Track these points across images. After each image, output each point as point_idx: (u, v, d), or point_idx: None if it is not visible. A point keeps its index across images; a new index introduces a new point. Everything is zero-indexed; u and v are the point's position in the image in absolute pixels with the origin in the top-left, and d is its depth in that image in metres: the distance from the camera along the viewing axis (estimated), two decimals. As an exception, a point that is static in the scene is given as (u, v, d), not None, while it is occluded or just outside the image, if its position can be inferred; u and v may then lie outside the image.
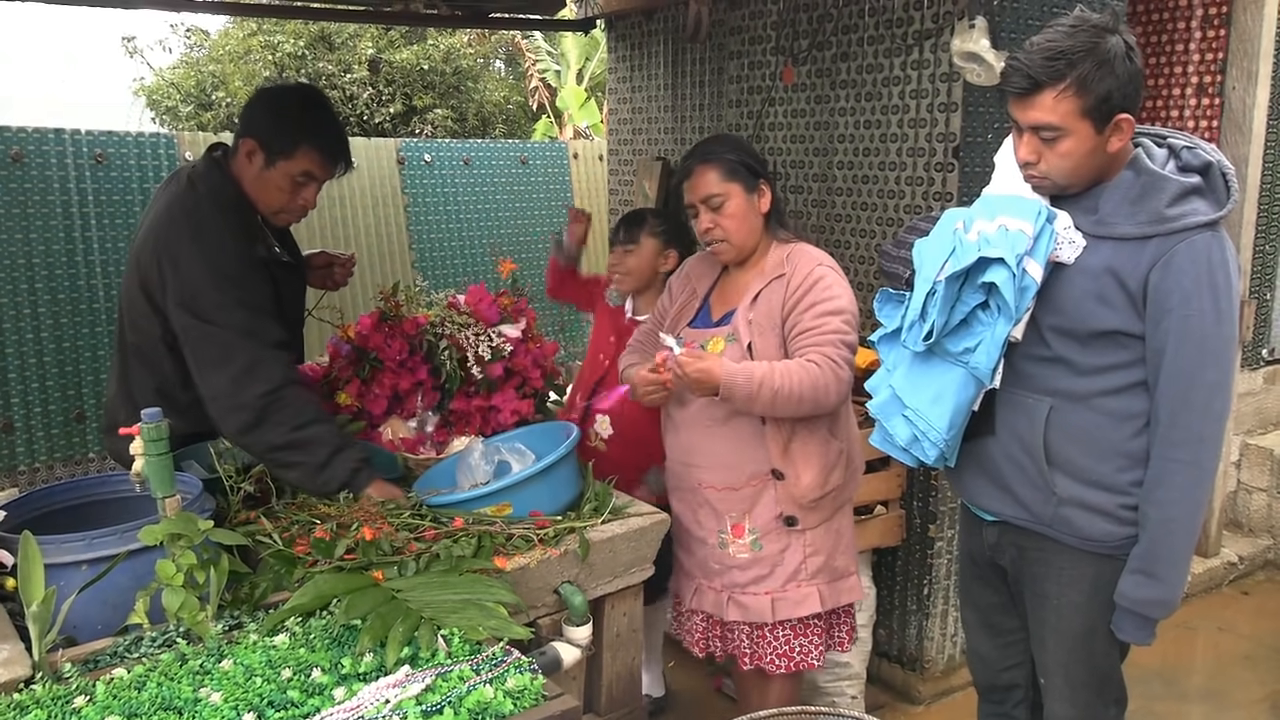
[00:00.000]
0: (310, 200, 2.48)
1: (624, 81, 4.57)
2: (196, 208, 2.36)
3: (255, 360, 2.23)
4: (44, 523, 1.99)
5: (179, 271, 2.29)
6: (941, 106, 3.07)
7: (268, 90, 2.54)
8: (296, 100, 2.51)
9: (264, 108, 2.46)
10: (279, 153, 2.38)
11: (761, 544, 2.44)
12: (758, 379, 2.23)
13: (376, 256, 5.33)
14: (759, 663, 2.50)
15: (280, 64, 11.81)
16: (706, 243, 2.47)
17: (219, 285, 2.27)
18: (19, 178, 4.12)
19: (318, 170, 2.44)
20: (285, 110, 2.44)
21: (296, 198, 2.45)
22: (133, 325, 2.47)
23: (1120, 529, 1.96)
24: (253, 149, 2.39)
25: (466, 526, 2.06)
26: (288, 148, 2.38)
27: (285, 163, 2.39)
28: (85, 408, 4.33)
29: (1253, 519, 4.66)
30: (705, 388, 2.25)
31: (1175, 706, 3.43)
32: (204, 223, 2.33)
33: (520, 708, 1.50)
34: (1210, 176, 1.90)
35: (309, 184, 2.45)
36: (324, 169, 2.46)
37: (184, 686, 1.51)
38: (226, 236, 2.33)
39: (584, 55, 13.25)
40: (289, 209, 2.47)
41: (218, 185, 2.41)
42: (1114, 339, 1.91)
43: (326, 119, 2.50)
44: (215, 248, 2.30)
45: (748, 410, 2.31)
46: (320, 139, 2.43)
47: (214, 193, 2.39)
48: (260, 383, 2.21)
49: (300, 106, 2.47)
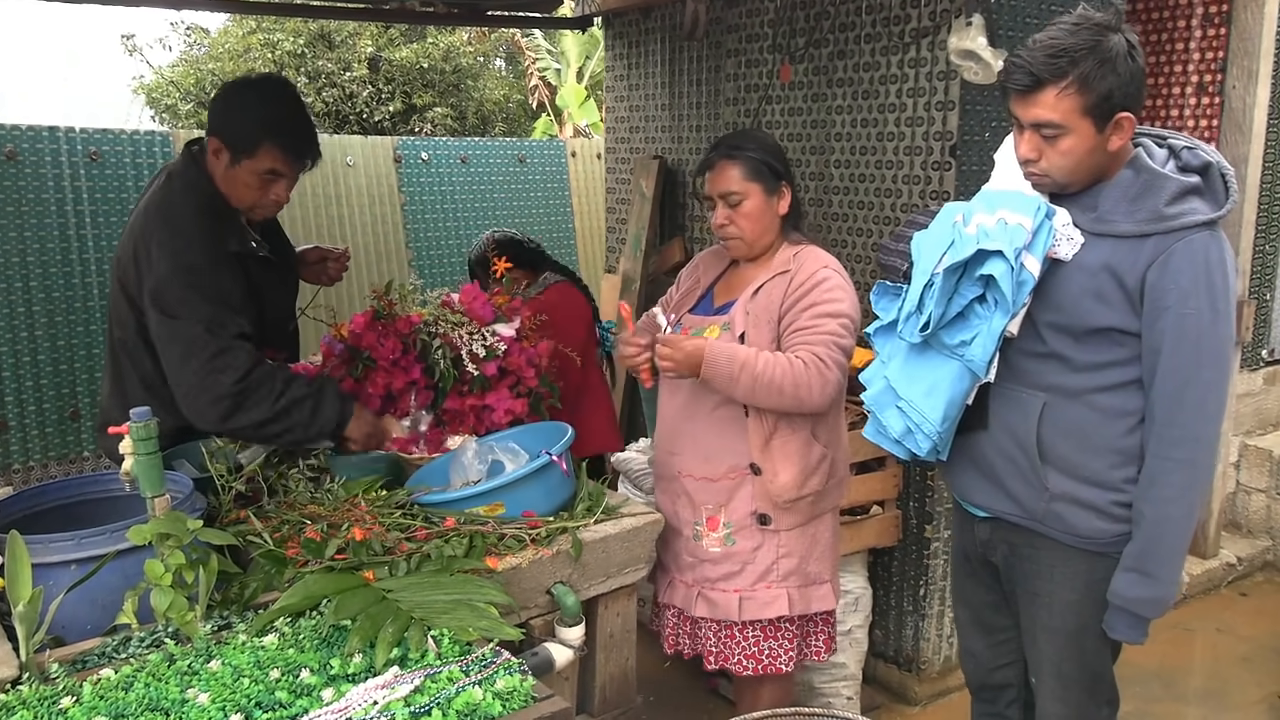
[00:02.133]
0: (282, 195, 2.48)
1: (621, 79, 4.56)
2: (168, 203, 2.39)
3: (219, 351, 2.26)
4: (34, 522, 1.97)
5: (151, 268, 2.32)
6: (939, 104, 3.06)
7: (232, 86, 2.51)
8: (257, 97, 2.47)
9: (226, 105, 2.44)
10: (242, 152, 2.38)
11: (735, 539, 2.43)
12: (739, 361, 2.24)
13: (373, 255, 5.31)
14: (724, 663, 2.49)
15: (280, 62, 11.80)
16: (720, 237, 2.46)
17: (183, 280, 2.29)
18: (13, 175, 4.11)
19: (282, 167, 2.43)
20: (246, 108, 2.42)
21: (266, 194, 2.45)
22: (118, 322, 2.48)
23: (1112, 526, 1.96)
24: (218, 147, 2.40)
25: (458, 526, 2.05)
26: (249, 147, 2.37)
27: (249, 161, 2.39)
28: (80, 406, 4.32)
29: (1251, 520, 4.65)
30: (692, 364, 2.27)
31: (1173, 708, 3.42)
32: (174, 218, 2.35)
33: (509, 709, 1.49)
34: (1209, 177, 1.90)
35: (276, 180, 2.44)
36: (289, 165, 2.45)
37: (171, 687, 1.50)
38: (195, 230, 2.34)
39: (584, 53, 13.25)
40: (261, 204, 2.47)
41: (193, 180, 2.42)
42: (1110, 336, 1.91)
43: (288, 114, 2.47)
44: (182, 242, 2.32)
45: (728, 392, 2.31)
46: (282, 137, 2.41)
47: (188, 188, 2.40)
48: (230, 372, 2.25)
49: (260, 103, 2.44)
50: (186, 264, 2.30)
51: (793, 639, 2.49)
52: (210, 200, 2.42)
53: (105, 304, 4.30)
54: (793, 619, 2.47)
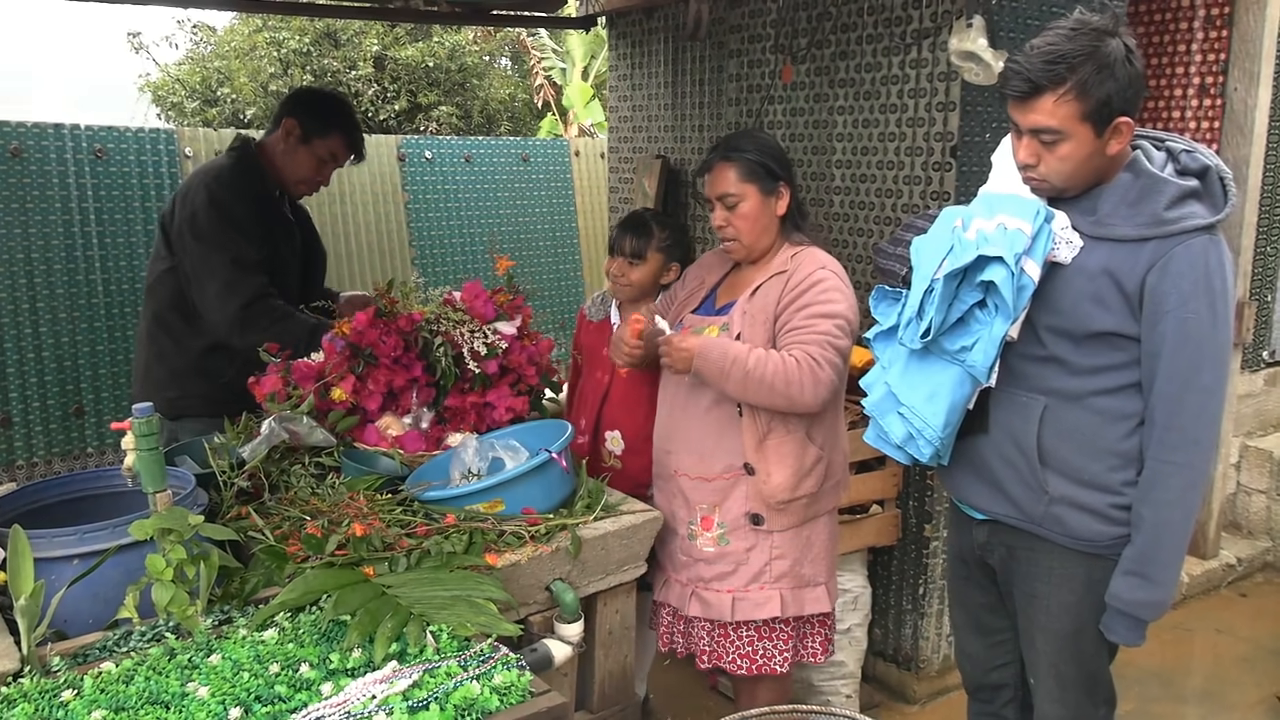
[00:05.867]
0: (326, 177, 3.09)
1: (624, 79, 4.57)
2: (216, 164, 2.98)
3: (234, 278, 2.78)
4: (37, 516, 1.99)
5: (188, 203, 2.86)
6: (939, 105, 3.07)
7: (311, 88, 3.16)
8: (334, 98, 3.28)
9: (308, 97, 3.15)
10: (315, 132, 2.97)
11: (728, 539, 2.43)
12: (731, 356, 2.26)
13: (376, 253, 5.32)
14: (717, 662, 2.50)
15: (285, 60, 11.81)
16: (720, 238, 2.47)
17: (216, 212, 2.81)
18: (18, 172, 4.12)
19: (341, 153, 3.05)
20: (326, 103, 3.13)
21: (319, 173, 3.04)
22: (154, 281, 2.99)
23: (1111, 529, 1.96)
24: (293, 126, 2.97)
25: (458, 523, 2.07)
26: (324, 130, 2.99)
27: (320, 141, 2.99)
28: (84, 402, 4.33)
29: (1252, 521, 4.65)
30: (687, 360, 2.31)
31: (1172, 708, 3.43)
32: (219, 171, 2.92)
33: (507, 704, 1.50)
34: (1208, 180, 1.89)
35: (329, 164, 3.04)
36: (345, 153, 3.07)
37: (172, 681, 1.51)
38: (235, 181, 2.88)
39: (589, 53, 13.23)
40: (309, 181, 3.05)
41: (242, 154, 2.97)
42: (1109, 340, 1.91)
43: (354, 116, 3.18)
44: (222, 187, 2.86)
45: (719, 387, 2.32)
46: (349, 129, 3.07)
47: (237, 160, 2.96)
48: (237, 297, 2.78)
49: (336, 103, 3.19)
50: (221, 202, 2.83)
51: (787, 640, 2.49)
52: (254, 173, 2.95)
53: (110, 301, 4.33)
54: (787, 620, 2.48)
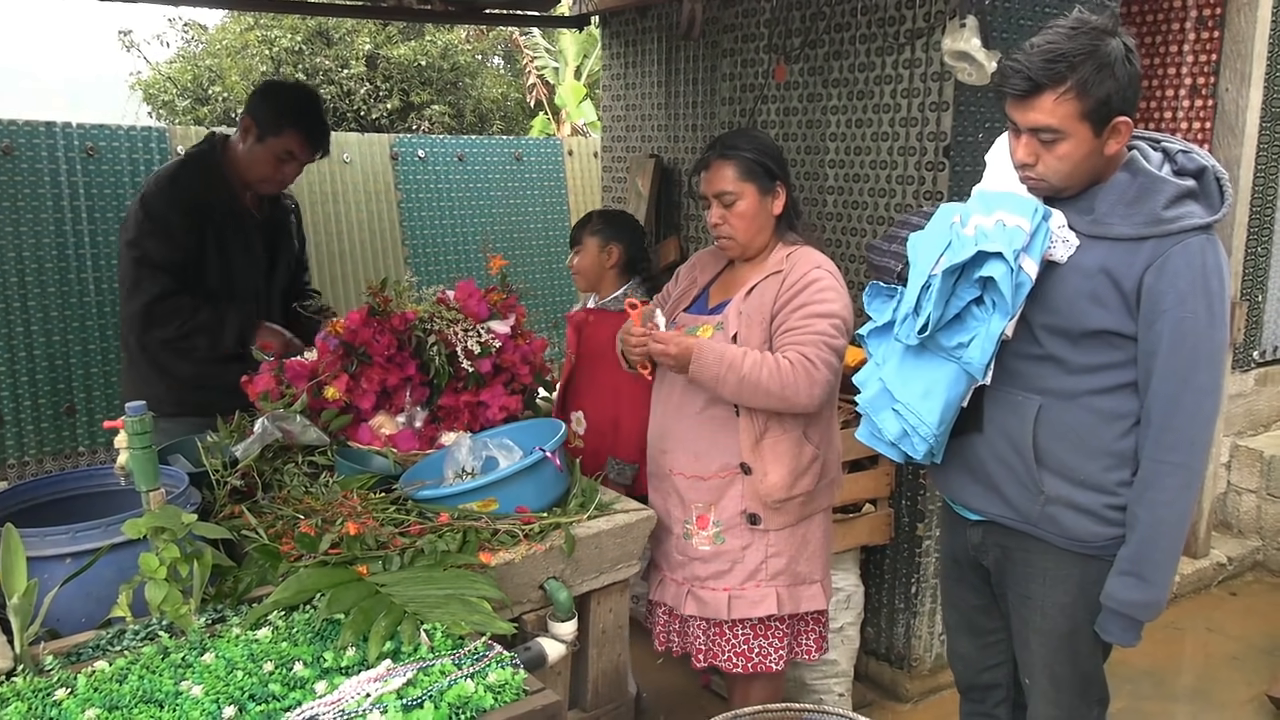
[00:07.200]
0: (290, 176, 2.99)
1: (618, 78, 4.57)
2: (166, 167, 2.95)
3: (139, 276, 2.80)
4: (29, 516, 1.98)
5: (130, 209, 2.88)
6: (932, 105, 3.08)
7: (271, 81, 3.05)
8: (289, 92, 3.09)
9: (264, 93, 2.98)
10: (269, 130, 2.87)
11: (724, 538, 2.44)
12: (727, 360, 2.26)
13: (369, 252, 5.31)
14: (713, 660, 2.50)
15: (277, 59, 11.79)
16: (715, 236, 2.48)
17: (143, 213, 2.81)
18: (9, 170, 4.09)
19: (299, 151, 2.93)
20: (279, 97, 2.97)
21: (278, 171, 2.93)
22: None
23: (1106, 529, 1.96)
24: (249, 125, 2.89)
25: (452, 521, 2.06)
26: (275, 129, 2.87)
27: (274, 139, 2.88)
28: (75, 401, 4.31)
29: (1242, 520, 4.67)
30: (682, 361, 2.30)
31: (1163, 706, 3.44)
32: (160, 175, 2.89)
33: (501, 702, 1.50)
34: (1205, 181, 1.90)
35: (289, 161, 2.93)
36: (305, 150, 2.94)
37: (165, 679, 1.51)
38: (169, 184, 2.84)
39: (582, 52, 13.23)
40: (270, 179, 2.95)
41: (197, 154, 2.95)
42: (1106, 339, 1.91)
43: (313, 110, 2.99)
44: (155, 189, 2.84)
45: (715, 391, 2.33)
46: (307, 126, 2.92)
47: (186, 160, 2.94)
48: (141, 294, 2.79)
49: (291, 97, 3.01)
50: (149, 202, 2.82)
51: (782, 638, 2.50)
52: (197, 174, 2.89)
53: (102, 299, 4.32)
54: (782, 618, 2.48)
